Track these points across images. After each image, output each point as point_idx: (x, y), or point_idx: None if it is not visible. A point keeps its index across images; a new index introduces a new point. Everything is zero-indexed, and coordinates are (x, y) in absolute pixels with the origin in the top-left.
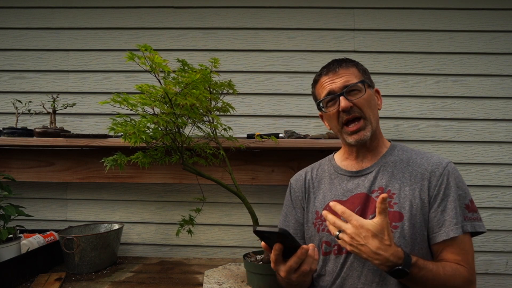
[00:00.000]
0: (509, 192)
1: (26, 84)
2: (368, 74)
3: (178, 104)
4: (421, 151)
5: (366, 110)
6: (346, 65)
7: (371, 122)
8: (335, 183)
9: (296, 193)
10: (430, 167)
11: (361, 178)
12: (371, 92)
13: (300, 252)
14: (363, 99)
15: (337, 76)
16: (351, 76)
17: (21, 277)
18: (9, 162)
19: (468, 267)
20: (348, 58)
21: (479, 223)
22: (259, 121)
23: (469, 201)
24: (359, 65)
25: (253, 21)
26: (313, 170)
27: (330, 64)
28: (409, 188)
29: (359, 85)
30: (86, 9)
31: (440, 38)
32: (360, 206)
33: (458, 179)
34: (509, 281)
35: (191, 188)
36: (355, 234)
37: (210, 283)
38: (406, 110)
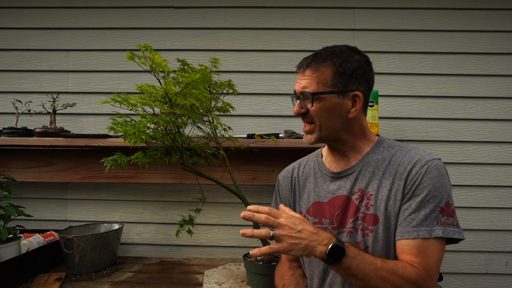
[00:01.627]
0: (509, 192)
1: (26, 84)
2: (348, 75)
3: (178, 104)
4: (408, 147)
5: (317, 119)
6: (317, 64)
7: (320, 129)
8: (319, 183)
9: (284, 190)
10: (409, 166)
11: (343, 179)
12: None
13: None
14: (315, 108)
15: (302, 77)
16: (314, 81)
17: (21, 277)
18: (9, 162)
19: (423, 272)
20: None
21: (454, 228)
22: (259, 121)
23: (445, 204)
24: (338, 64)
25: (253, 21)
26: (300, 167)
27: (305, 59)
28: (386, 189)
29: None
30: (86, 9)
31: (440, 38)
32: (341, 209)
33: (436, 179)
34: (509, 281)
35: (191, 188)
36: (291, 223)
37: (210, 283)
38: (406, 110)
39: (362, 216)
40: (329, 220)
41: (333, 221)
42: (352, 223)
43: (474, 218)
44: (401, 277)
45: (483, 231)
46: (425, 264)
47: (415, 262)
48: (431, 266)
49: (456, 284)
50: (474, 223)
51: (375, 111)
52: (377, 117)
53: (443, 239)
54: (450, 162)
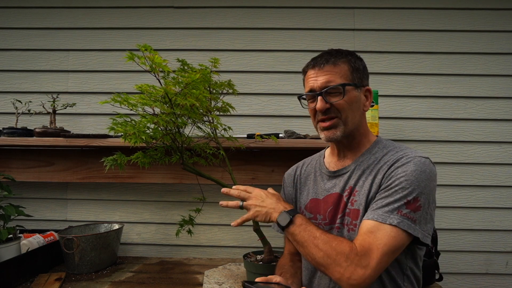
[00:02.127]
0: (509, 192)
1: (26, 84)
2: (361, 71)
3: (178, 104)
4: (402, 147)
5: (344, 112)
6: (335, 60)
7: (346, 123)
8: (318, 181)
9: (288, 188)
10: (391, 162)
11: (338, 178)
12: (357, 93)
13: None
14: (343, 101)
15: (321, 73)
16: (336, 75)
17: (21, 277)
18: (9, 162)
19: (359, 249)
20: (344, 50)
21: (411, 224)
22: (259, 121)
23: (413, 199)
24: (353, 60)
25: (253, 21)
26: (303, 166)
27: (319, 57)
28: (368, 184)
29: (340, 87)
30: (86, 9)
31: (440, 38)
32: (333, 206)
33: (412, 173)
34: (509, 281)
35: (191, 188)
36: (258, 196)
37: (210, 283)
38: (406, 110)
39: (348, 212)
40: (322, 216)
41: (325, 217)
42: (340, 219)
43: (474, 218)
44: (333, 249)
45: (483, 231)
46: (365, 243)
47: (360, 240)
48: (372, 247)
49: (456, 284)
50: (474, 223)
51: (375, 111)
52: (377, 117)
53: (399, 230)
54: (450, 162)
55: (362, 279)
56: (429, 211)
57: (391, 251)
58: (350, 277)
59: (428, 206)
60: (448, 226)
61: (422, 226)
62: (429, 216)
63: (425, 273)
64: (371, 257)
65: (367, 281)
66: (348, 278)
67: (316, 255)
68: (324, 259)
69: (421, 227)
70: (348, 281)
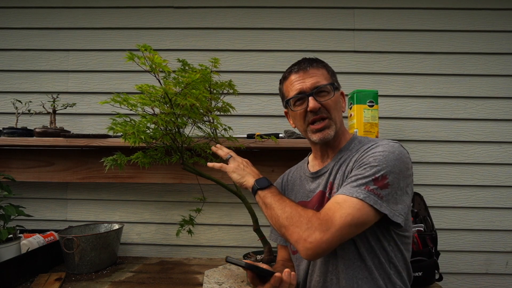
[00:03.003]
0: (509, 192)
1: (26, 84)
2: (335, 76)
3: (178, 104)
4: (376, 140)
5: (333, 111)
6: (317, 65)
7: (335, 122)
8: (304, 185)
9: None
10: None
11: (321, 178)
12: (338, 94)
13: (274, 280)
14: (331, 101)
15: (308, 76)
16: (321, 77)
17: (21, 277)
18: (9, 162)
19: (322, 215)
20: (318, 58)
21: (377, 199)
22: (259, 121)
23: (381, 176)
24: (328, 66)
25: (253, 21)
26: (289, 174)
27: (301, 62)
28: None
29: (329, 87)
30: (86, 9)
31: (440, 38)
32: (318, 203)
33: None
34: (509, 281)
35: (191, 188)
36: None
37: (210, 283)
38: (406, 110)
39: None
40: None
41: None
42: None
43: (474, 218)
44: (298, 212)
45: (483, 231)
46: (330, 211)
47: (325, 208)
48: (335, 214)
49: (456, 284)
50: (474, 223)
51: (375, 111)
52: (377, 117)
53: (365, 204)
54: (450, 162)
55: (318, 242)
56: (398, 191)
57: (354, 222)
58: (307, 239)
59: (398, 186)
60: (448, 226)
61: (391, 204)
62: (399, 197)
63: (425, 273)
64: (332, 223)
65: (323, 246)
66: (304, 240)
67: (280, 216)
68: (286, 220)
69: (389, 205)
70: (304, 243)
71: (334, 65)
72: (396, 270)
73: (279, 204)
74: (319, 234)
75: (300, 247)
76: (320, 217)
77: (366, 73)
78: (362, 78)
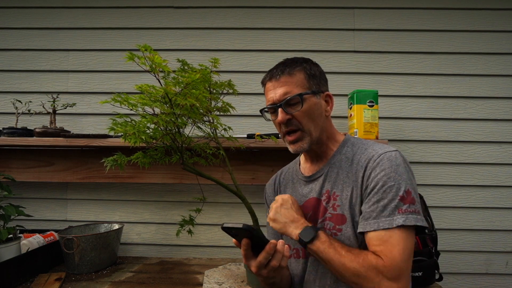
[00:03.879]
0: (509, 192)
1: (26, 84)
2: (318, 78)
3: (178, 104)
4: (368, 144)
5: (305, 122)
6: (291, 70)
7: (310, 133)
8: (296, 187)
9: (270, 197)
10: (365, 163)
11: (314, 182)
12: (317, 100)
13: (269, 247)
14: (302, 112)
15: (278, 85)
16: (292, 85)
17: (21, 277)
18: (9, 162)
19: (386, 260)
20: (299, 58)
21: (417, 216)
22: (259, 121)
23: (405, 192)
24: (308, 67)
25: (253, 21)
26: (281, 175)
27: (274, 69)
28: (349, 189)
29: (297, 98)
30: (86, 9)
31: (440, 38)
32: (312, 210)
33: (389, 169)
34: (509, 281)
35: (191, 188)
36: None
37: (210, 283)
38: (406, 110)
39: (329, 217)
40: None
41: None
42: (321, 224)
43: (474, 218)
44: (361, 265)
45: (483, 231)
46: (388, 252)
47: (378, 252)
48: (395, 254)
49: (456, 284)
50: (474, 223)
51: (375, 111)
52: (377, 117)
53: (407, 227)
54: (450, 162)
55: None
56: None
57: (410, 252)
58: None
59: (416, 194)
60: (448, 226)
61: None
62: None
63: (425, 273)
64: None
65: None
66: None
67: (345, 273)
68: (354, 278)
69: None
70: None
71: (334, 65)
72: None
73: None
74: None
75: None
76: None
77: (366, 73)
78: (362, 78)
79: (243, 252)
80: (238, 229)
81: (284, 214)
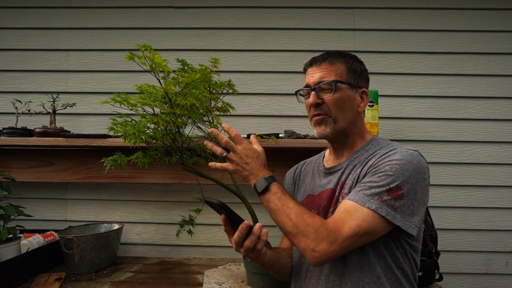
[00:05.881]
0: (509, 192)
1: (26, 84)
2: (358, 73)
3: (178, 104)
4: (395, 144)
5: (334, 109)
6: (333, 59)
7: (336, 121)
8: (315, 178)
9: (288, 184)
10: (380, 155)
11: (333, 174)
12: (351, 93)
13: (241, 227)
14: (332, 98)
15: (317, 70)
16: (331, 73)
17: (21, 277)
18: (9, 162)
19: (331, 225)
20: (345, 52)
21: (391, 211)
22: (259, 121)
23: (396, 187)
24: (350, 62)
25: (253, 21)
26: (303, 165)
27: (319, 56)
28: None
29: (331, 84)
30: (86, 9)
31: (440, 38)
32: (327, 201)
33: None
34: (509, 281)
35: (191, 188)
36: (244, 154)
37: (210, 283)
38: (406, 110)
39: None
40: (316, 211)
41: (319, 211)
42: (331, 212)
43: (474, 218)
44: (304, 220)
45: (483, 231)
46: (339, 220)
47: (332, 217)
48: (344, 225)
49: (456, 284)
50: (474, 223)
51: (375, 111)
52: (377, 117)
53: (376, 215)
54: (450, 162)
55: (325, 252)
56: (415, 202)
57: (362, 233)
58: (314, 249)
59: (415, 197)
60: (448, 226)
61: (406, 216)
62: (415, 208)
63: (425, 273)
64: (340, 234)
65: (330, 255)
66: (312, 249)
67: (286, 223)
68: (293, 228)
69: (404, 216)
70: (311, 252)
71: None
72: (405, 274)
73: (283, 211)
74: (326, 245)
75: (307, 256)
76: (328, 227)
77: None
78: None
79: (224, 227)
80: (215, 204)
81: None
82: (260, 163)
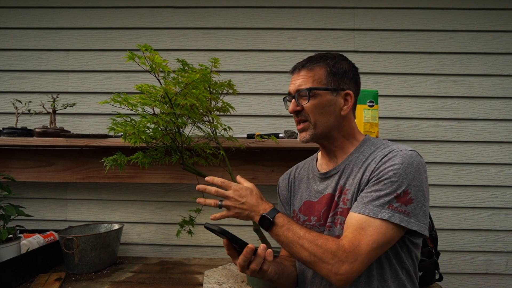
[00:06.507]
0: (509, 192)
1: (26, 84)
2: (340, 75)
3: (178, 104)
4: (389, 143)
5: (312, 115)
6: (312, 65)
7: (315, 126)
8: (311, 184)
9: (283, 191)
10: (379, 158)
11: (330, 179)
12: (332, 97)
13: (245, 251)
14: (310, 105)
15: (297, 78)
16: (309, 79)
17: (21, 277)
18: (9, 162)
19: (347, 246)
20: (327, 55)
21: (403, 216)
22: (259, 121)
23: (403, 192)
24: (331, 64)
25: (253, 21)
26: (297, 170)
27: (299, 62)
28: (357, 181)
29: (305, 92)
30: (86, 9)
31: (440, 38)
32: (327, 206)
33: (399, 166)
34: (509, 281)
35: (191, 188)
36: (237, 195)
37: (210, 283)
38: (406, 110)
39: (340, 211)
40: (316, 217)
41: (319, 218)
42: (331, 218)
43: (474, 218)
44: (319, 247)
45: (483, 231)
46: (355, 239)
47: (346, 237)
48: (361, 243)
49: (456, 284)
50: (474, 223)
51: (375, 111)
52: (377, 117)
53: (390, 224)
54: (450, 162)
55: (349, 273)
56: (425, 202)
57: (380, 246)
58: (337, 273)
59: (423, 197)
60: (448, 226)
61: (420, 218)
62: (426, 208)
63: (425, 273)
64: (359, 253)
65: (354, 274)
66: (335, 273)
67: (302, 253)
68: (310, 257)
69: (418, 219)
70: (335, 276)
71: None
72: (408, 275)
73: (296, 242)
74: (348, 266)
75: (332, 281)
76: (346, 249)
77: (366, 73)
78: (362, 78)
79: (226, 252)
80: (216, 231)
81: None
82: (256, 197)
